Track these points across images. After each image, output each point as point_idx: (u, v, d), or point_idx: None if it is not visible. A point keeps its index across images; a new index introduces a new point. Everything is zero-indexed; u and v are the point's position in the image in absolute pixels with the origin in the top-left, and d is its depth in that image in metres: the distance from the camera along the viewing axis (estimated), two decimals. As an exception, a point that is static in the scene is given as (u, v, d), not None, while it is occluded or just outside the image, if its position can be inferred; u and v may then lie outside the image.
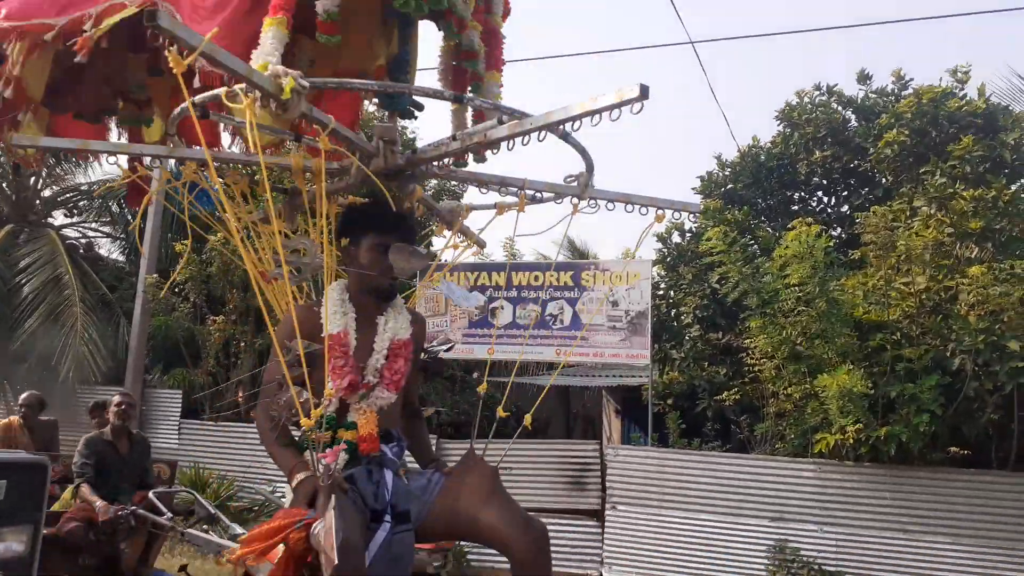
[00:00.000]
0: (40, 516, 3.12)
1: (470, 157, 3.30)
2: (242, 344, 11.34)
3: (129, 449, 5.75)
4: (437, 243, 3.56)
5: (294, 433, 2.68)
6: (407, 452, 2.86)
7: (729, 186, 11.82)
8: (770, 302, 8.27)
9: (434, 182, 10.68)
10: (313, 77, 2.60)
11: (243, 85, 2.40)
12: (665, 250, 11.87)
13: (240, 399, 11.36)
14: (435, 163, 3.24)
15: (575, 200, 3.50)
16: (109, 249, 14.03)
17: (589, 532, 8.51)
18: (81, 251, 12.83)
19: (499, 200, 3.63)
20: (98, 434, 5.68)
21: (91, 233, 13.85)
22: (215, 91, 2.53)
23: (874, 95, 11.43)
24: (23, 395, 7.38)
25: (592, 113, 2.51)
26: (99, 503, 5.12)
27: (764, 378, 8.69)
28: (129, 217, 13.32)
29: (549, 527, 2.58)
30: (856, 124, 11.48)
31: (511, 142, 2.84)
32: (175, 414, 10.78)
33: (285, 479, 9.07)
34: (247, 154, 3.53)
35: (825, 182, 11.74)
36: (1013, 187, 9.06)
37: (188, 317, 11.09)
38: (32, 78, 2.99)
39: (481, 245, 4.03)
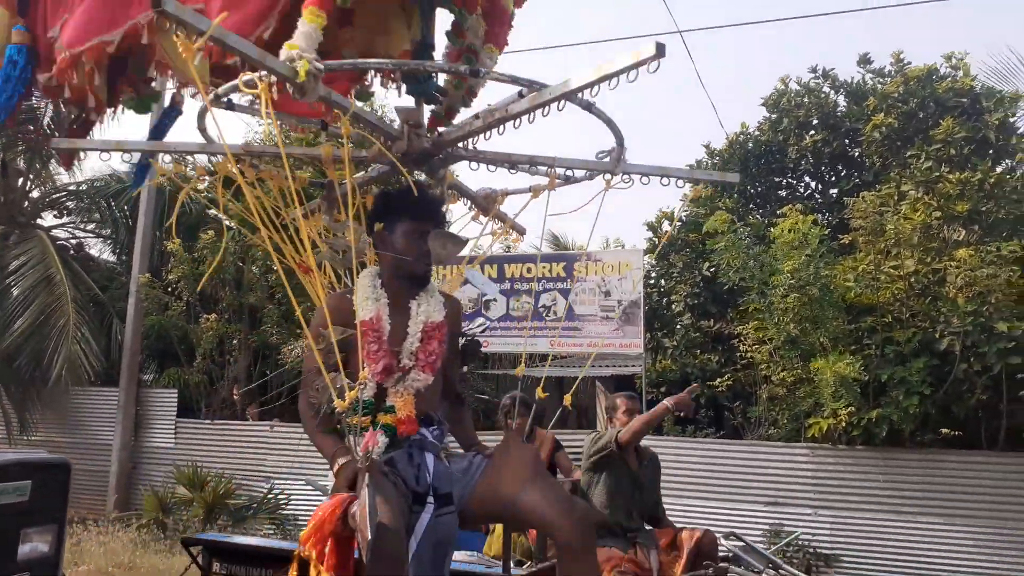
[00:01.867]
0: (64, 516, 3.14)
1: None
2: (236, 342, 11.35)
3: (639, 466, 4.66)
4: (473, 229, 3.51)
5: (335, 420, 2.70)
6: (450, 437, 2.87)
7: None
8: (770, 287, 8.33)
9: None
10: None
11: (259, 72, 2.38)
12: (656, 239, 11.92)
13: (235, 396, 11.38)
14: (461, 144, 3.17)
15: (608, 176, 3.42)
16: (100, 249, 13.98)
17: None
18: (71, 251, 12.78)
19: (533, 184, 3.56)
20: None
21: (81, 234, 13.79)
22: (234, 82, 2.50)
23: (871, 77, 11.44)
24: None
25: (609, 77, 2.45)
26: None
27: (759, 362, 8.76)
28: (118, 216, 13.26)
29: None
30: (846, 107, 11.51)
31: (532, 115, 2.78)
32: (171, 413, 10.79)
33: (283, 475, 9.12)
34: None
35: (813, 168, 11.80)
36: (998, 168, 9.14)
37: (181, 316, 11.08)
38: (101, 91, 3.08)
39: (520, 232, 3.93)
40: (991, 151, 9.41)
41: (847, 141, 11.43)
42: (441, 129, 3.22)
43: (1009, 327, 7.23)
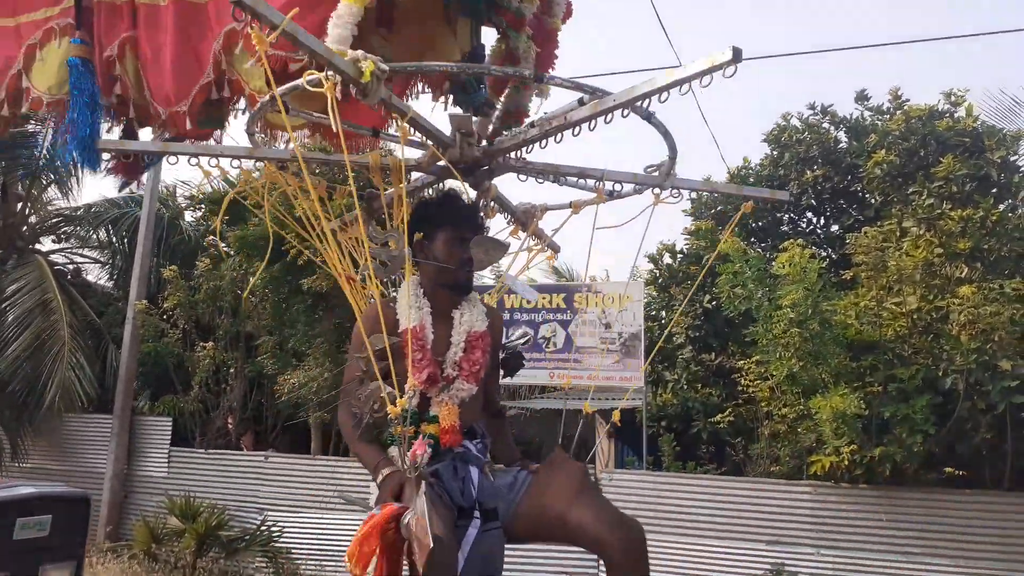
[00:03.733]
0: (83, 551, 3.06)
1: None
2: (232, 370, 11.25)
3: None
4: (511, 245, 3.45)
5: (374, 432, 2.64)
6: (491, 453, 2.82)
7: (719, 207, 11.86)
8: (772, 320, 8.26)
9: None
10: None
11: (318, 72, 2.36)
12: (657, 271, 11.88)
13: (230, 426, 11.25)
14: (512, 155, 3.14)
15: (656, 191, 3.36)
16: (97, 275, 13.93)
17: (585, 559, 8.43)
18: (69, 277, 12.72)
19: (573, 199, 3.50)
20: None
21: (79, 259, 13.75)
22: (297, 81, 2.48)
23: (870, 113, 11.49)
24: None
25: (680, 83, 2.41)
26: None
27: (760, 398, 8.68)
28: (116, 242, 13.22)
29: (544, 555, 2.53)
30: (847, 144, 11.54)
31: (593, 122, 2.73)
32: (165, 442, 10.66)
33: (278, 507, 8.95)
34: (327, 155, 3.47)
35: (815, 203, 11.80)
36: (1001, 206, 9.13)
37: (177, 343, 10.99)
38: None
39: (555, 250, 3.87)
40: (993, 189, 9.40)
41: (848, 177, 11.43)
42: (484, 142, 3.19)
43: (1013, 365, 7.17)
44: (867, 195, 11.10)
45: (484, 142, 3.16)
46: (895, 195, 10.00)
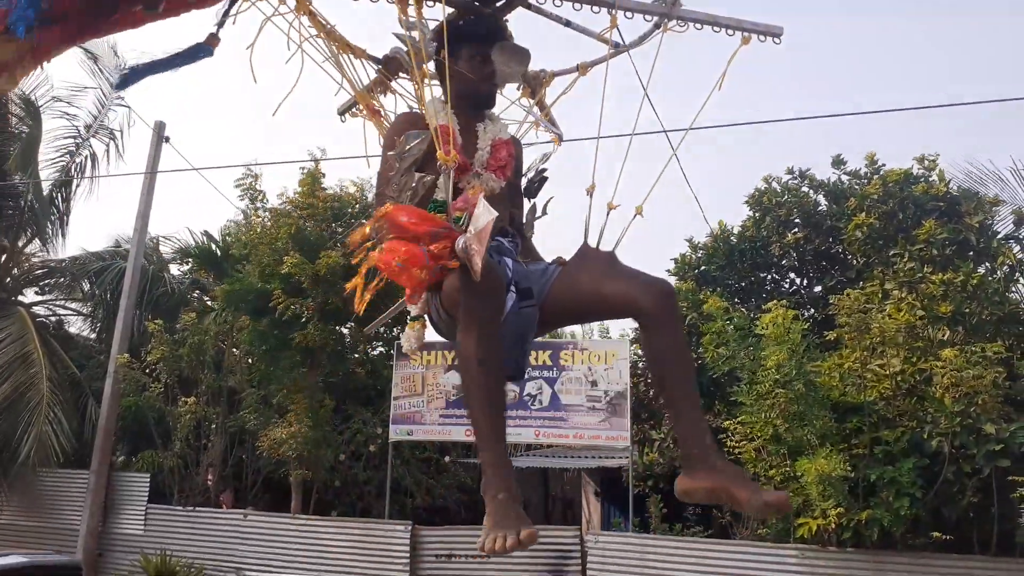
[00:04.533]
0: None
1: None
2: (213, 426, 11.11)
3: None
4: (517, 114, 3.43)
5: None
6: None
7: (703, 268, 11.99)
8: (756, 381, 8.29)
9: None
10: None
11: None
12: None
13: (209, 481, 11.06)
14: None
15: (667, 21, 3.30)
16: (80, 327, 13.80)
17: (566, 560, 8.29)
18: (51, 329, 12.60)
19: (581, 62, 3.47)
20: None
21: (62, 311, 13.64)
22: None
23: (848, 177, 11.74)
24: None
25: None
26: None
27: (745, 460, 8.65)
28: (99, 294, 13.15)
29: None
30: (827, 207, 11.76)
31: None
32: (142, 498, 10.46)
33: (257, 567, 8.69)
34: None
35: (797, 264, 11.96)
36: (980, 270, 9.31)
37: (159, 398, 10.86)
38: None
39: (558, 134, 3.82)
40: (971, 252, 9.60)
41: (830, 239, 11.63)
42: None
43: (997, 429, 7.22)
44: (849, 256, 11.28)
45: None
46: (876, 257, 10.17)
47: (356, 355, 11.59)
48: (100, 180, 13.24)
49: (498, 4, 3.10)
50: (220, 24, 2.93)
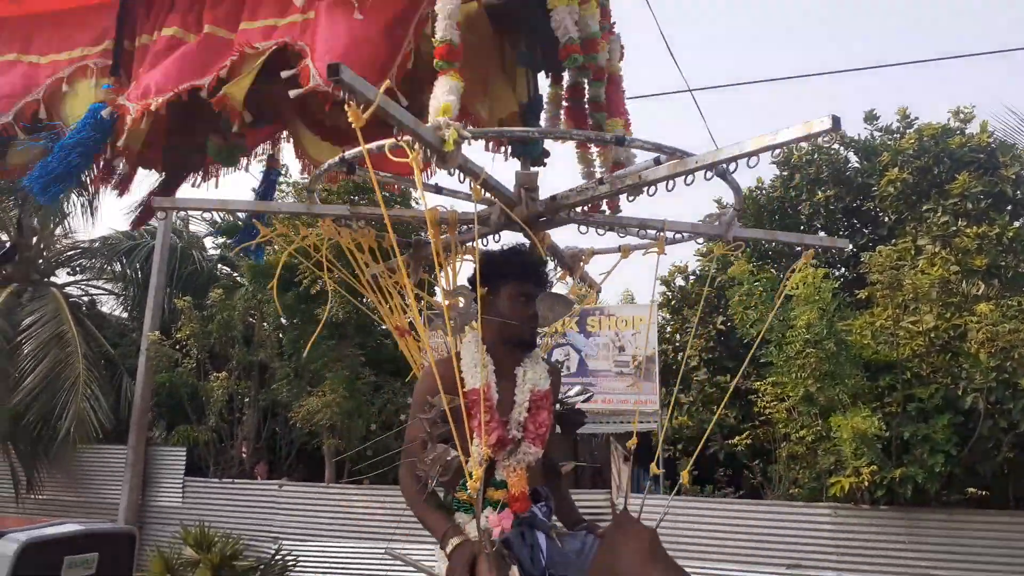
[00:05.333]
0: None
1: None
2: (245, 400, 11.25)
3: None
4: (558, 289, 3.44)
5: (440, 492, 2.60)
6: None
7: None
8: (787, 342, 8.17)
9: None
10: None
11: (405, 138, 2.34)
12: (669, 293, 11.83)
13: (244, 455, 11.23)
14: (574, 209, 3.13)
15: (721, 241, 3.36)
16: (112, 306, 14.01)
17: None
18: (84, 308, 12.80)
19: (624, 244, 3.48)
20: None
21: (94, 290, 13.84)
22: (381, 143, 2.47)
23: (879, 133, 11.46)
24: None
25: (773, 148, 2.39)
26: None
27: (777, 419, 8.58)
28: (130, 274, 13.33)
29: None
30: (858, 164, 11.51)
31: (671, 182, 2.69)
32: (179, 471, 10.64)
33: (293, 536, 8.87)
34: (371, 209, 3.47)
35: (827, 223, 11.74)
36: (1016, 223, 9.06)
37: (191, 373, 11.01)
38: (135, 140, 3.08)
39: (597, 290, 3.84)
40: (1008, 205, 9.34)
41: (860, 197, 11.39)
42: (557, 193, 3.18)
43: (1034, 383, 7.07)
44: (880, 214, 11.05)
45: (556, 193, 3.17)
46: (909, 213, 9.95)
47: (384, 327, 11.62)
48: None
49: (540, 220, 3.03)
50: None
